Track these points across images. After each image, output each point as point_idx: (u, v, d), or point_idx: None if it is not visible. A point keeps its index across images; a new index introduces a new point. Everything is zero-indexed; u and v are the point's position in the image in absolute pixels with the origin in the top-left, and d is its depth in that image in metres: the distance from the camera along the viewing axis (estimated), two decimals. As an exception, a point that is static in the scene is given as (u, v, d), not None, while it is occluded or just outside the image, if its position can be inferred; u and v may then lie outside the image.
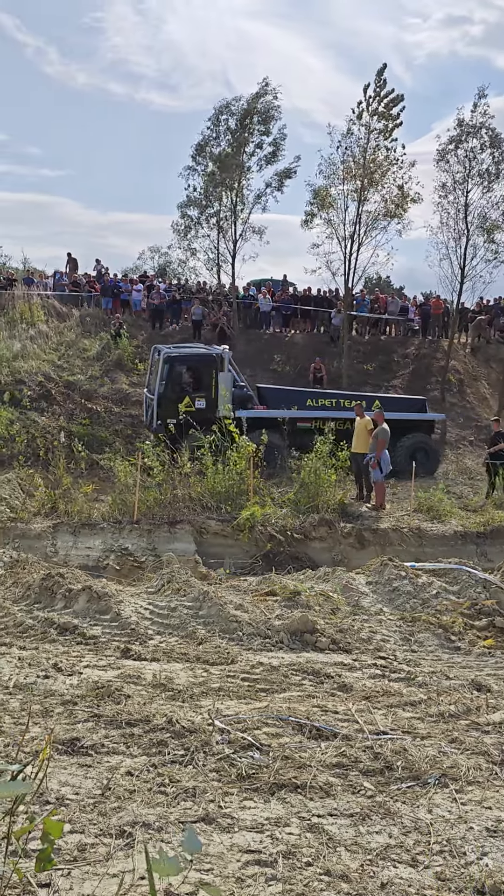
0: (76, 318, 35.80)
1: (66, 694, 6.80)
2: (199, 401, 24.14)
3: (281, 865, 4.04)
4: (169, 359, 24.66)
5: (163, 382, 24.33)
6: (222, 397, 24.47)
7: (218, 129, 36.54)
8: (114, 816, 4.51)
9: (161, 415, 23.95)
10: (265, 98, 36.00)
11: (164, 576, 11.06)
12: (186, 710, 6.39)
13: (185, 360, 25.15)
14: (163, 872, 2.30)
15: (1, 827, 4.01)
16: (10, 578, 10.79)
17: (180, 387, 24.38)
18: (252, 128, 35.97)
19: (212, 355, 25.36)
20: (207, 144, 36.69)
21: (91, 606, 9.66)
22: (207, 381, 24.67)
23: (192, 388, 24.48)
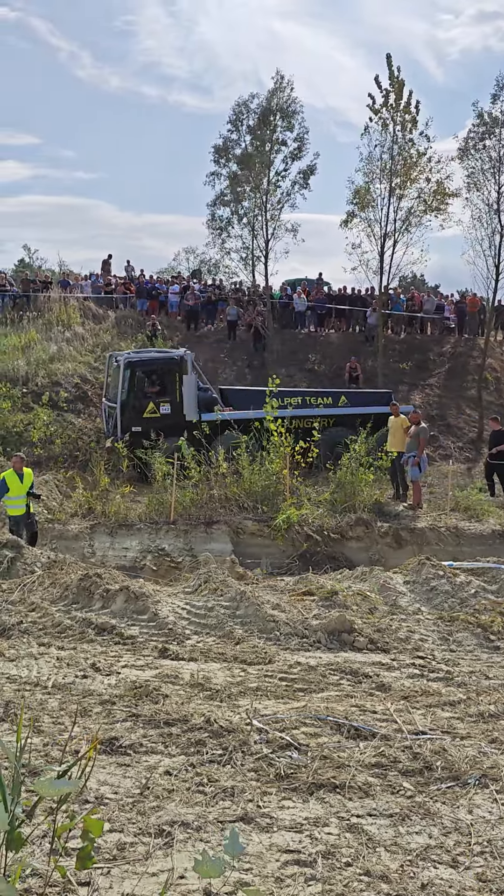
0: (112, 320, 35.94)
1: (104, 694, 6.82)
2: (164, 406, 23.51)
3: (320, 865, 4.02)
4: (130, 364, 23.75)
5: (124, 389, 23.43)
6: (188, 401, 23.74)
7: (239, 129, 36.46)
8: (153, 816, 4.52)
9: (125, 423, 23.10)
10: (282, 93, 35.83)
11: (201, 576, 11.07)
12: (224, 710, 6.39)
13: (146, 364, 24.25)
14: (205, 874, 2.30)
15: (41, 826, 4.03)
16: (49, 579, 10.85)
17: (143, 393, 23.58)
18: (275, 124, 35.81)
19: (174, 358, 24.57)
20: (228, 145, 36.61)
21: (128, 606, 9.69)
22: (171, 386, 23.82)
23: (156, 393, 23.73)
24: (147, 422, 22.86)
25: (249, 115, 36.19)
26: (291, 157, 36.07)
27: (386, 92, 31.68)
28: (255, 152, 35.59)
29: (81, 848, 2.74)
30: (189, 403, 23.65)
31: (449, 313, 37.99)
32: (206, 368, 33.36)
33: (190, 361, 24.18)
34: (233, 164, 36.75)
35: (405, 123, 32.09)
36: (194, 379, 24.30)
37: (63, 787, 2.62)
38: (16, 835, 2.66)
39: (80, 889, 3.69)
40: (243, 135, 36.42)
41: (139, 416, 22.97)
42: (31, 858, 3.70)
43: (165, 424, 22.67)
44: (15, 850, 2.64)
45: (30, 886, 3.57)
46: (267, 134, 35.52)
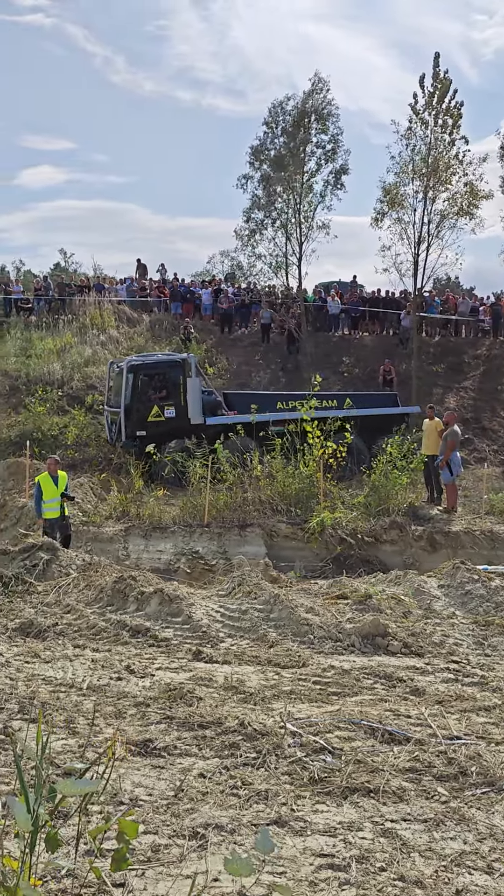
0: (146, 323, 36.10)
1: (138, 696, 6.86)
2: (169, 409, 23.12)
3: (354, 870, 4.01)
4: (133, 368, 23.42)
5: (128, 393, 23.03)
6: (192, 405, 23.29)
7: (274, 131, 36.43)
8: (187, 818, 4.53)
9: (130, 428, 22.76)
10: (318, 95, 35.74)
11: (234, 579, 11.08)
12: (258, 713, 6.40)
13: (149, 368, 23.86)
14: (236, 873, 2.30)
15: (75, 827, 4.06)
16: (84, 581, 10.91)
17: (147, 396, 23.19)
18: (309, 127, 35.74)
19: (177, 361, 24.21)
20: (264, 147, 36.60)
21: (163, 609, 9.73)
22: (175, 389, 23.37)
23: (160, 397, 23.32)
24: (152, 426, 22.64)
25: (285, 117, 36.17)
26: (325, 158, 36.00)
27: (429, 93, 31.55)
28: (288, 154, 35.57)
29: (117, 850, 2.75)
30: (194, 407, 23.29)
31: (484, 315, 37.75)
32: (239, 372, 33.45)
33: (194, 364, 23.93)
34: (266, 167, 36.76)
35: (445, 125, 31.92)
36: (198, 382, 23.99)
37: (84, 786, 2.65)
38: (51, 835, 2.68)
39: (115, 890, 3.71)
40: (278, 136, 36.40)
41: (144, 421, 22.74)
42: (67, 859, 3.73)
43: (170, 428, 22.51)
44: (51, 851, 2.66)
45: (65, 887, 3.60)
46: (301, 136, 35.47)
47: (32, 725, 5.99)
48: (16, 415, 28.32)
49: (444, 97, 31.42)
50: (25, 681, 7.20)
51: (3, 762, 5.26)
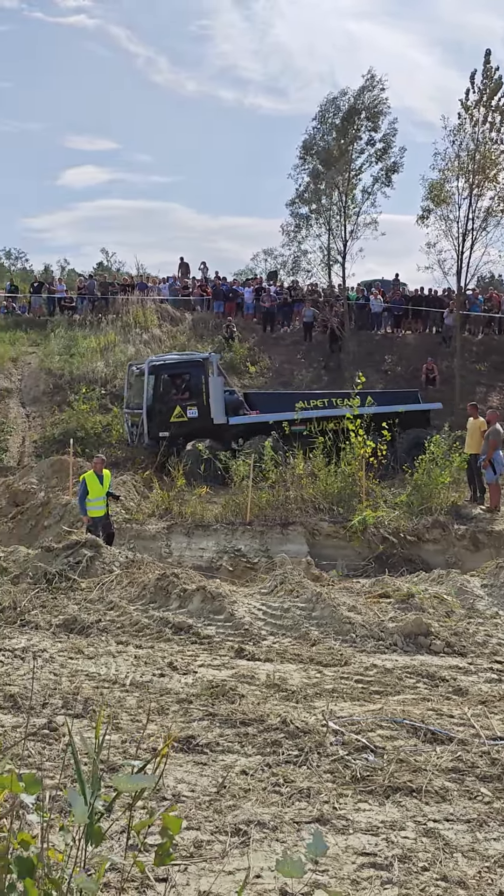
0: (188, 322, 36.21)
1: (181, 692, 6.89)
2: (191, 409, 22.89)
3: (397, 869, 4.01)
4: (154, 368, 23.20)
5: (150, 394, 22.80)
6: (215, 404, 23.05)
7: (324, 126, 36.21)
8: (229, 814, 4.55)
9: (152, 429, 22.54)
10: (371, 93, 35.43)
11: (277, 577, 11.09)
12: (300, 711, 6.40)
13: (171, 368, 23.65)
14: (287, 874, 2.30)
15: (119, 821, 4.09)
16: (126, 578, 10.98)
17: (169, 397, 22.97)
18: (359, 124, 35.48)
19: (199, 360, 24.00)
20: (314, 142, 36.40)
21: (205, 606, 9.76)
22: (197, 389, 23.14)
23: (182, 397, 23.11)
24: (174, 426, 22.50)
25: (336, 113, 35.92)
26: (376, 156, 35.70)
27: (480, 90, 31.30)
28: (337, 150, 35.35)
29: (160, 844, 2.76)
30: (216, 406, 23.08)
31: (529, 313, 37.39)
32: (281, 370, 33.43)
33: (215, 363, 23.74)
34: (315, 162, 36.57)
35: (494, 122, 31.63)
36: (220, 381, 23.79)
37: (140, 782, 2.66)
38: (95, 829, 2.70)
39: (158, 885, 3.74)
40: (328, 132, 36.20)
41: (166, 421, 22.56)
42: (110, 853, 3.76)
43: (193, 428, 22.36)
44: (95, 844, 2.68)
45: (108, 881, 3.63)
46: (351, 133, 35.21)
47: (76, 721, 6.05)
48: (59, 413, 28.56)
49: (495, 94, 31.18)
50: (69, 677, 7.27)
51: (48, 756, 5.31)
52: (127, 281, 39.74)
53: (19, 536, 16.25)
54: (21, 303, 37.83)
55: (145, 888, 3.70)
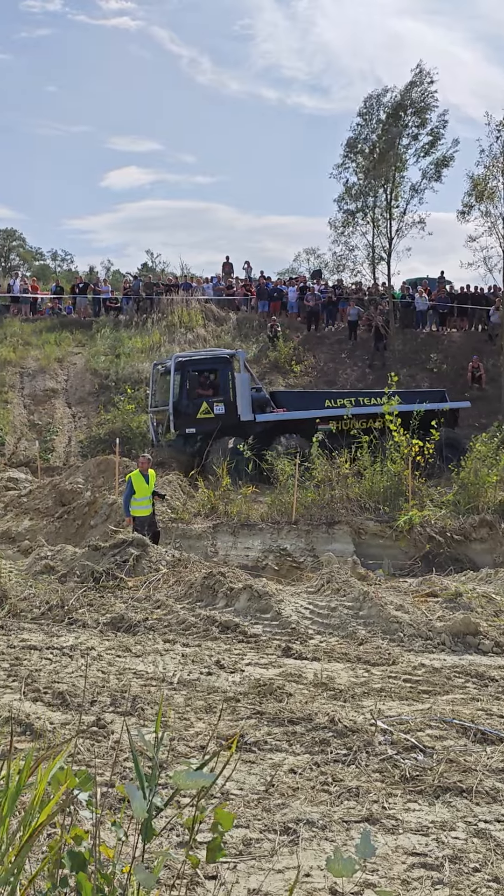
0: (233, 321, 36.27)
1: (228, 691, 6.90)
2: (218, 406, 22.70)
3: (447, 870, 3.97)
4: (181, 364, 23.00)
5: (176, 390, 22.64)
6: (242, 401, 22.85)
7: (370, 123, 35.97)
8: (278, 813, 4.54)
9: (178, 425, 22.26)
10: (419, 87, 35.05)
11: (323, 576, 11.06)
12: (348, 710, 6.37)
13: (197, 364, 23.49)
14: (337, 873, 2.29)
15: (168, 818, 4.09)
16: (173, 577, 11.02)
17: (196, 393, 22.82)
18: (406, 120, 35.16)
19: (226, 356, 23.85)
20: (358, 140, 36.18)
21: (252, 605, 9.76)
22: (224, 385, 23.01)
23: (209, 393, 22.98)
24: (201, 423, 22.35)
25: (381, 110, 35.65)
26: (423, 152, 35.38)
27: None
28: (383, 147, 35.09)
29: (212, 840, 2.77)
30: (243, 403, 22.87)
31: None
32: (326, 369, 33.38)
33: (242, 360, 23.54)
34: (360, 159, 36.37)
35: None
36: (247, 378, 23.55)
37: (199, 779, 2.66)
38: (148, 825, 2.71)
39: (207, 882, 3.74)
40: (373, 129, 35.96)
41: (193, 418, 22.41)
42: (159, 849, 3.77)
43: (220, 425, 22.17)
44: (147, 840, 2.69)
45: (158, 877, 3.63)
46: (396, 129, 34.93)
47: (124, 719, 6.07)
48: (105, 413, 28.78)
49: None
50: (117, 674, 7.30)
51: (97, 753, 5.34)
52: (171, 281, 39.90)
53: (66, 536, 16.37)
54: (66, 304, 38.12)
55: (195, 885, 3.70)
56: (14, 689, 6.80)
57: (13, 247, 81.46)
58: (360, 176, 36.23)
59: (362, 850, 2.38)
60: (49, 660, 7.76)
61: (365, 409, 22.30)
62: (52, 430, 28.57)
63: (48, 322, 36.05)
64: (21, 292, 37.80)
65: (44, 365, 31.97)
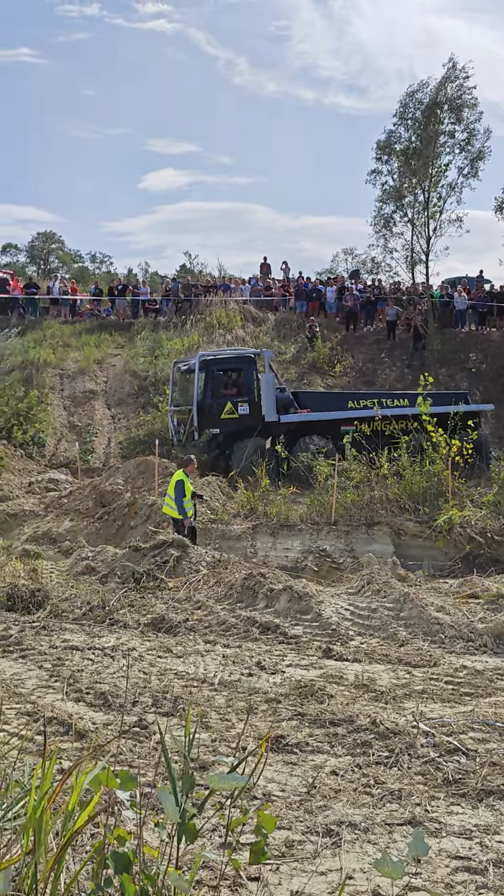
0: (271, 322, 36.27)
1: (269, 692, 6.89)
2: (242, 406, 22.40)
3: (492, 874, 3.94)
4: (205, 363, 22.66)
5: (200, 390, 22.31)
6: (266, 401, 22.50)
7: (405, 122, 35.69)
8: (320, 815, 4.53)
9: (202, 425, 21.99)
10: (453, 84, 34.66)
11: (363, 577, 11.02)
12: (390, 712, 6.35)
13: (222, 363, 23.18)
14: (386, 874, 2.29)
15: (211, 819, 4.10)
16: (213, 578, 11.04)
17: (220, 393, 22.48)
18: (442, 117, 34.81)
19: (250, 356, 23.53)
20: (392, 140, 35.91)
21: (292, 606, 9.76)
22: (249, 385, 22.69)
23: (233, 393, 22.64)
24: (225, 423, 22.12)
25: (416, 108, 35.36)
26: (459, 148, 35.05)
27: None
28: (419, 145, 34.84)
29: (255, 842, 2.77)
30: (268, 403, 22.54)
31: None
32: (364, 369, 33.28)
33: (267, 359, 23.23)
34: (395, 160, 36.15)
35: None
36: (272, 378, 23.23)
37: (234, 781, 2.67)
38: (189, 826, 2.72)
39: (250, 884, 3.74)
40: (409, 128, 35.70)
41: (217, 418, 22.13)
42: (202, 851, 3.77)
43: (244, 426, 21.93)
44: (190, 842, 2.70)
45: (201, 878, 3.64)
46: (433, 128, 34.63)
47: (165, 719, 6.09)
48: (144, 414, 28.90)
49: None
50: (158, 675, 7.33)
51: (139, 754, 5.36)
52: (210, 282, 39.99)
53: (106, 536, 16.47)
54: (106, 305, 38.34)
55: (238, 886, 3.70)
56: (56, 689, 6.85)
57: (52, 249, 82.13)
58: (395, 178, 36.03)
59: (415, 850, 2.37)
60: (91, 660, 7.81)
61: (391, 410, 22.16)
62: (91, 431, 28.75)
63: (87, 324, 36.29)
64: (60, 294, 38.09)
65: (83, 367, 32.18)
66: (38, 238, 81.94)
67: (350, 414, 23.00)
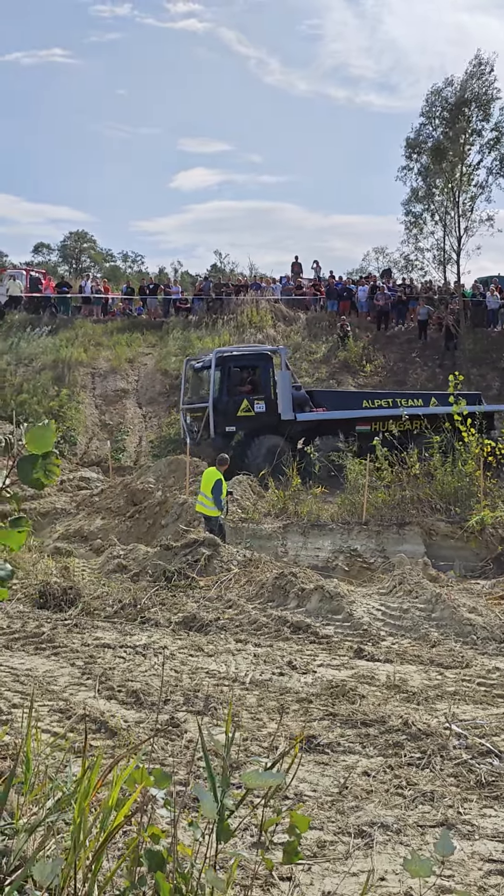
0: (302, 321, 36.23)
1: (301, 692, 6.89)
2: (259, 404, 22.09)
3: (526, 878, 3.91)
4: (222, 359, 22.40)
5: (216, 387, 21.95)
6: (283, 399, 22.17)
7: (432, 121, 35.50)
8: (352, 815, 4.52)
9: (218, 423, 21.64)
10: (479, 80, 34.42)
11: (395, 577, 10.99)
12: (421, 713, 6.32)
13: (238, 360, 22.91)
14: (415, 872, 2.28)
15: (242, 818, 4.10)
16: (244, 577, 11.05)
17: (236, 390, 22.18)
18: (469, 114, 34.55)
19: (267, 353, 23.29)
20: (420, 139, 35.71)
21: (323, 606, 9.74)
22: (265, 382, 22.43)
23: (249, 390, 22.35)
24: (241, 421, 21.79)
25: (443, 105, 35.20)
26: (488, 147, 34.84)
27: None
28: (447, 144, 34.67)
29: (288, 842, 2.77)
30: (284, 402, 22.23)
31: None
32: (396, 369, 33.15)
33: (283, 357, 22.97)
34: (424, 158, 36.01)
35: None
36: (288, 376, 22.94)
37: (269, 779, 2.67)
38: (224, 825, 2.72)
39: (282, 883, 3.74)
40: (436, 127, 35.56)
41: (233, 415, 21.80)
42: (234, 849, 3.77)
43: (260, 424, 21.67)
44: (224, 841, 2.70)
45: (233, 878, 3.64)
46: (461, 125, 34.45)
47: (197, 718, 6.10)
48: (175, 413, 28.95)
49: None
50: (190, 674, 7.34)
51: (171, 752, 5.38)
52: (241, 281, 40.01)
53: (137, 535, 16.52)
54: (137, 304, 38.47)
55: (270, 886, 3.70)
56: (88, 686, 6.88)
57: (84, 248, 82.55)
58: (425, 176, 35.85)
59: (441, 849, 2.36)
60: (122, 658, 7.84)
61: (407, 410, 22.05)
62: (123, 430, 28.88)
63: (119, 323, 36.43)
64: (92, 293, 38.27)
65: (115, 365, 32.33)
66: (71, 237, 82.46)
67: (367, 413, 22.88)
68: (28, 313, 36.08)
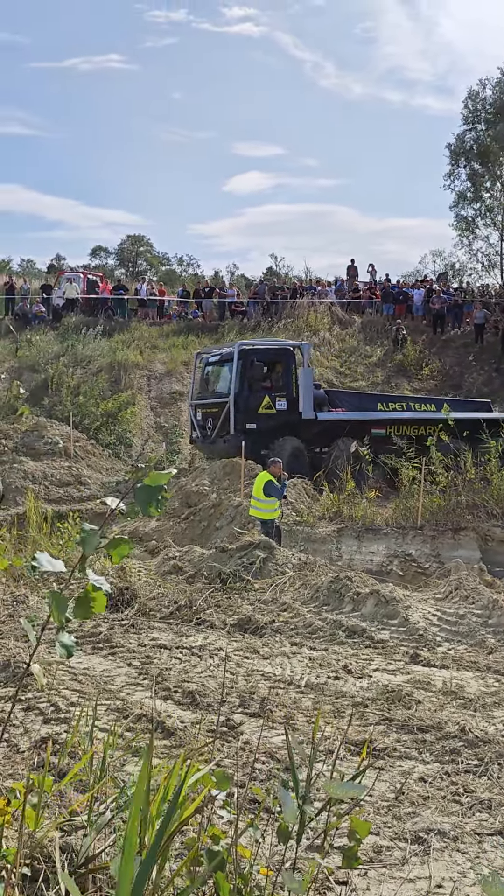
0: (358, 325, 36.14)
1: (356, 696, 6.87)
2: (280, 401, 21.25)
3: None
4: (244, 352, 21.31)
5: (237, 382, 20.87)
6: (304, 397, 21.35)
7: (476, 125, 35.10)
8: (408, 821, 4.50)
9: (238, 419, 20.59)
10: None
11: (451, 582, 10.92)
12: (479, 720, 6.28)
13: (262, 353, 22.01)
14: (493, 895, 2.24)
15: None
16: (299, 580, 11.05)
17: (258, 385, 21.19)
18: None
19: (289, 349, 22.56)
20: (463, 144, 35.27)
21: (378, 610, 9.71)
22: (287, 379, 21.60)
23: (270, 386, 21.49)
24: (263, 418, 20.97)
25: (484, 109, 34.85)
26: None
27: None
28: (494, 144, 34.30)
29: (348, 847, 2.78)
30: (305, 400, 21.43)
31: None
32: (452, 373, 32.92)
33: (306, 353, 22.20)
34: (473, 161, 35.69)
35: None
36: (311, 373, 22.25)
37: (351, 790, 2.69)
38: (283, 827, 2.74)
39: (337, 887, 3.73)
40: (481, 130, 35.22)
41: (254, 412, 20.92)
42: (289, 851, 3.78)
43: (281, 422, 20.99)
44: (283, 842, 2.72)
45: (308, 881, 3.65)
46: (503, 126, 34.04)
47: (251, 720, 6.12)
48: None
49: None
50: (245, 676, 7.36)
51: (227, 753, 5.40)
52: (296, 285, 40.03)
53: (191, 537, 16.61)
54: (192, 307, 38.69)
55: (326, 890, 3.70)
56: (145, 686, 6.93)
57: (140, 252, 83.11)
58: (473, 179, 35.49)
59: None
60: (178, 659, 7.88)
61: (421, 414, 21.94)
62: (177, 432, 29.01)
63: (175, 326, 36.66)
64: (148, 296, 38.56)
65: (170, 368, 32.51)
66: (127, 241, 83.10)
67: (386, 416, 22.56)
68: (84, 316, 36.46)
